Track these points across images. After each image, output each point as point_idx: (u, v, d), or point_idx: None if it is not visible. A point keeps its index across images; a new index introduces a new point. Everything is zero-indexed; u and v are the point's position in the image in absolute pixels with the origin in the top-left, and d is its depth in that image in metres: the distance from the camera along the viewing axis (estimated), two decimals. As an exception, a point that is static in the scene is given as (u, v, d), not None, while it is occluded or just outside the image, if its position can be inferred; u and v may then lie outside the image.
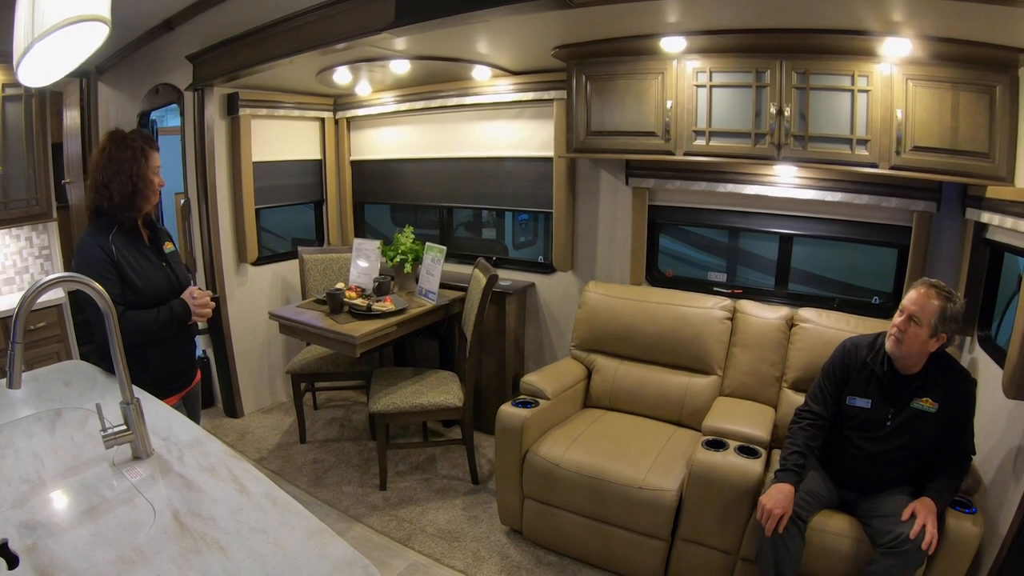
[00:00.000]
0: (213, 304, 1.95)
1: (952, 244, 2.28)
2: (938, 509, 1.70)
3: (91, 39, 1.45)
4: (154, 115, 3.48)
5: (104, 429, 1.27)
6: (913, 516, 1.68)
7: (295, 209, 3.88)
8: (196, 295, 1.88)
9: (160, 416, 1.51)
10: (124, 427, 1.29)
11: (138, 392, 1.55)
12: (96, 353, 1.88)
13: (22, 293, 1.28)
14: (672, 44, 2.25)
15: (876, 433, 1.87)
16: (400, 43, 2.57)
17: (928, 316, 1.74)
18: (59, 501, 1.17)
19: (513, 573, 2.22)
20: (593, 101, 2.55)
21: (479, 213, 3.72)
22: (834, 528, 1.83)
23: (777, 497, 1.78)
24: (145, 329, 1.75)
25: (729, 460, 1.98)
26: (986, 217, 2.02)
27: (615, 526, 2.14)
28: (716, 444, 2.06)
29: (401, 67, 2.80)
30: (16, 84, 2.61)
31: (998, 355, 1.97)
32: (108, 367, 1.72)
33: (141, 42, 3.23)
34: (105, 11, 1.44)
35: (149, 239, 1.88)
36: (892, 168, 2.11)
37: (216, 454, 1.33)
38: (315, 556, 0.98)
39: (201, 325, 2.54)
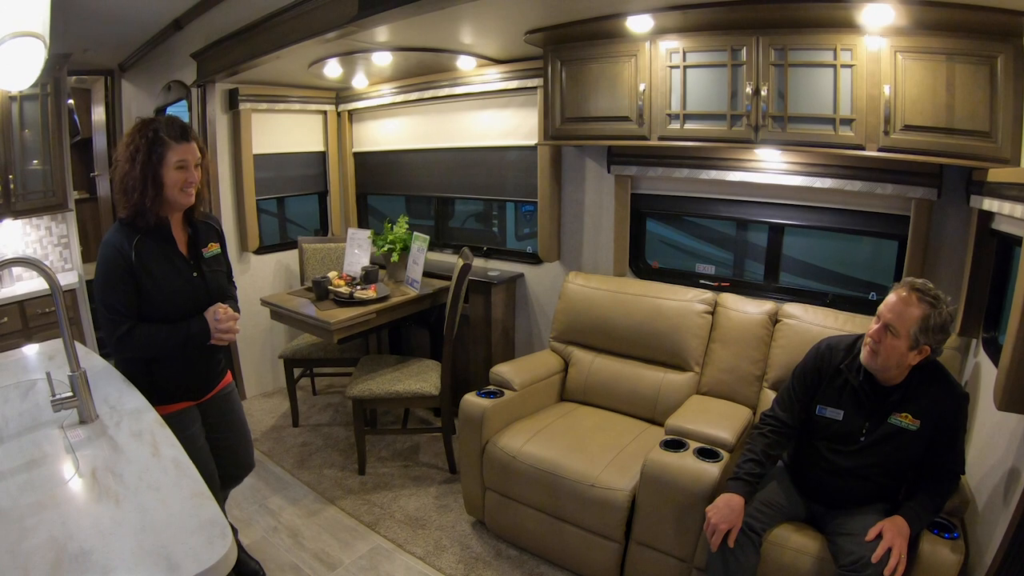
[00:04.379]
0: (238, 330, 1.72)
1: (957, 235, 2.06)
2: (912, 531, 1.53)
3: (35, 54, 1.56)
4: (170, 111, 3.68)
5: (53, 395, 1.44)
6: (880, 537, 1.52)
7: (315, 200, 4.00)
8: (220, 316, 1.66)
9: (115, 387, 1.65)
10: (71, 394, 1.44)
11: (117, 379, 1.69)
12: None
13: (41, 279, 1.41)
14: (638, 23, 2.14)
15: (848, 447, 1.70)
16: (380, 35, 2.59)
17: (907, 326, 1.54)
18: (6, 454, 1.33)
19: (470, 564, 2.21)
20: (568, 87, 2.47)
21: (477, 202, 3.71)
22: (795, 544, 1.69)
23: (723, 510, 1.65)
24: (155, 347, 1.61)
25: (684, 462, 1.88)
26: (987, 204, 1.81)
27: (569, 523, 2.09)
28: (675, 444, 1.97)
29: (383, 59, 2.82)
30: (32, 84, 2.83)
31: (1004, 361, 1.76)
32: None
33: (156, 41, 3.40)
34: (39, 28, 1.54)
35: (189, 239, 1.70)
36: (880, 150, 1.92)
37: (147, 422, 1.46)
38: (189, 514, 1.10)
39: None
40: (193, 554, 0.98)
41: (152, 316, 1.60)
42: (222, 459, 1.87)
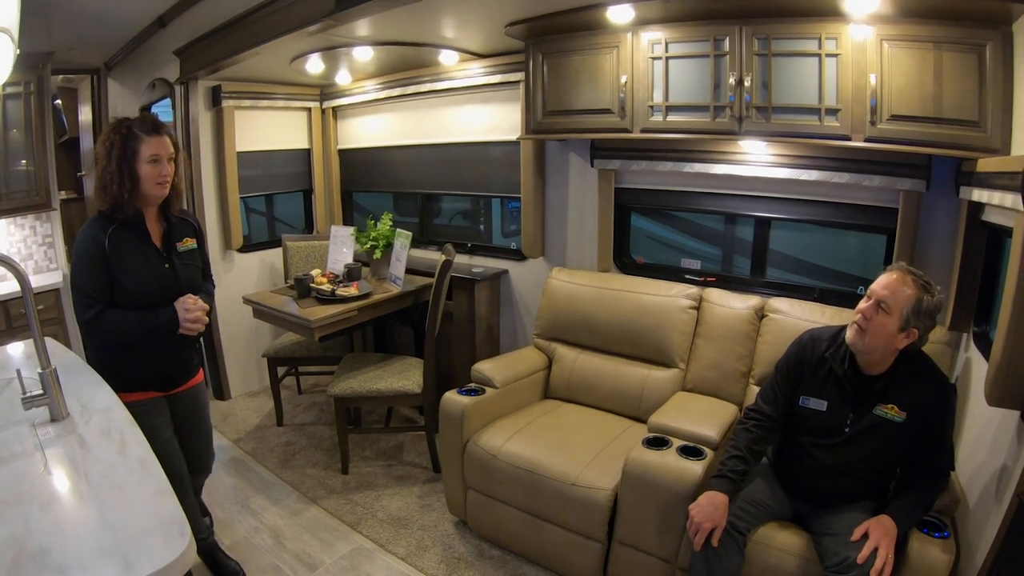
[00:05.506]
0: (206, 320, 1.76)
1: (946, 227, 2.01)
2: (899, 531, 1.48)
3: (3, 50, 1.54)
4: (155, 109, 3.65)
5: (24, 393, 1.45)
6: (865, 537, 1.47)
7: (302, 198, 3.97)
8: (189, 306, 1.71)
9: (87, 385, 1.66)
10: (41, 392, 1.44)
11: (90, 376, 1.68)
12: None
13: (27, 278, 1.42)
14: (619, 14, 2.09)
15: (832, 440, 1.65)
16: (360, 29, 2.54)
17: (900, 305, 1.51)
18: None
19: (452, 565, 2.18)
20: (549, 79, 2.42)
21: (463, 199, 3.67)
22: (781, 544, 1.64)
23: (707, 509, 1.61)
24: (123, 332, 1.66)
25: (666, 460, 1.84)
26: (976, 194, 1.76)
27: (551, 523, 2.05)
28: (658, 442, 1.92)
29: (364, 54, 2.78)
30: (16, 83, 2.81)
31: (995, 355, 1.71)
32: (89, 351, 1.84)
33: (140, 39, 3.37)
34: (5, 23, 1.51)
35: (164, 234, 1.75)
36: (867, 140, 1.88)
37: (117, 420, 1.46)
38: (149, 513, 1.10)
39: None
40: (149, 553, 0.98)
41: (124, 304, 1.66)
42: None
